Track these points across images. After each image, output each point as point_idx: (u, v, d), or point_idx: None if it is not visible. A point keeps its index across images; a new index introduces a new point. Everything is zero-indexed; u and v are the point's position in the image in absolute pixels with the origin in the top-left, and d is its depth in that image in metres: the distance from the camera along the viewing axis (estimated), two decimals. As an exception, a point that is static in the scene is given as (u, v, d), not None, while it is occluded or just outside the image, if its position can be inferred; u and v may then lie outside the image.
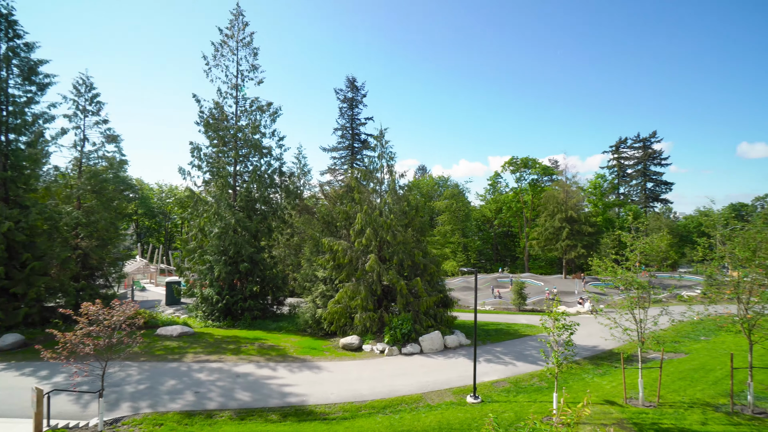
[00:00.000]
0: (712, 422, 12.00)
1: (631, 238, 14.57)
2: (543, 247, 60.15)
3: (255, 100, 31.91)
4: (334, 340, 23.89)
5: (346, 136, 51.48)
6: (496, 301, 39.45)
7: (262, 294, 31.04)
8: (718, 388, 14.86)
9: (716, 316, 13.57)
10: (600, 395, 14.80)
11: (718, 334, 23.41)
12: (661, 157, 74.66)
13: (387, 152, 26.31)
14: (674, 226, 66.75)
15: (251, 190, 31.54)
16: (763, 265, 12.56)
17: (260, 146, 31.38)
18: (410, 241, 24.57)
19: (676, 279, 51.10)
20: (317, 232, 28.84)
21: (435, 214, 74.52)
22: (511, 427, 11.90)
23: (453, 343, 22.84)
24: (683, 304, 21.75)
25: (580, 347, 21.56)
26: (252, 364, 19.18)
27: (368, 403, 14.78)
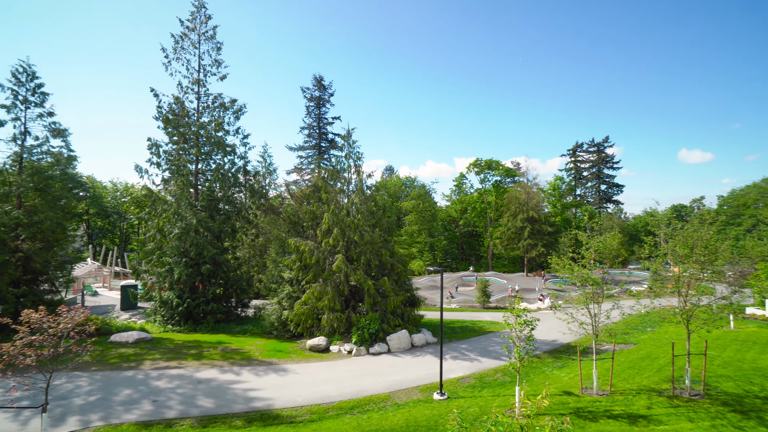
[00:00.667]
0: (656, 406, 12.95)
1: (586, 237, 15.41)
2: (506, 246, 62.25)
3: (218, 96, 30.86)
4: (300, 341, 23.56)
5: (313, 136, 50.91)
6: (462, 299, 40.39)
7: (226, 296, 30.08)
8: (661, 374, 16.03)
9: (660, 309, 14.67)
10: (559, 387, 15.54)
11: (662, 325, 25.24)
12: (613, 161, 79.44)
13: (354, 152, 26.28)
14: (625, 225, 71.26)
15: (214, 189, 30.46)
16: (699, 261, 13.69)
17: (224, 144, 30.37)
18: (378, 241, 24.67)
19: (626, 275, 54.54)
20: (283, 232, 28.30)
21: (402, 214, 75.22)
22: (476, 422, 12.25)
23: (420, 341, 23.17)
24: (632, 299, 23.26)
25: (541, 342, 22.55)
26: (215, 369, 18.54)
27: (336, 405, 14.71)
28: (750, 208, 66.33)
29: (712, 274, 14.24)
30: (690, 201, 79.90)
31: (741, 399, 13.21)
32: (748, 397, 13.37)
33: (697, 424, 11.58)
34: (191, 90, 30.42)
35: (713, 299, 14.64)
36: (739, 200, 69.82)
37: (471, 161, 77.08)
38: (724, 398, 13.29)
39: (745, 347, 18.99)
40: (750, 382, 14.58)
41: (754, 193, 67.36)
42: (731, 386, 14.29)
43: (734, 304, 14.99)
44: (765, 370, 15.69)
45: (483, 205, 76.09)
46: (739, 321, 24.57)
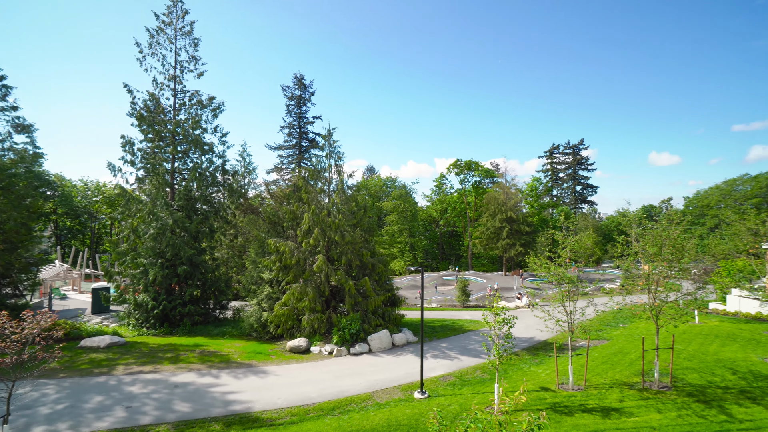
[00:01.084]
0: (627, 399, 13.47)
1: (562, 237, 15.86)
2: (485, 246, 63.28)
3: (195, 94, 30.13)
4: (281, 343, 23.29)
5: (293, 135, 50.37)
6: (442, 298, 40.81)
7: (204, 298, 29.41)
8: (632, 368, 16.67)
9: (632, 305, 15.21)
10: (536, 383, 15.93)
11: (633, 321, 26.22)
12: (588, 162, 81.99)
13: (335, 152, 26.17)
14: (598, 225, 73.63)
15: (191, 189, 29.72)
16: (667, 259, 14.32)
17: (201, 142, 29.68)
18: (358, 241, 24.65)
19: (600, 273, 56.40)
20: (263, 232, 27.89)
21: (383, 214, 75.37)
22: (456, 419, 12.43)
23: (401, 340, 23.29)
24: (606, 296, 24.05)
25: (519, 339, 23.06)
26: (192, 373, 18.11)
27: (317, 406, 14.63)
28: (713, 209, 69.69)
29: (679, 272, 14.93)
30: (659, 201, 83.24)
31: (704, 389, 13.89)
32: (711, 387, 14.07)
33: (665, 414, 12.11)
34: (167, 87, 29.61)
35: (680, 295, 15.34)
36: (703, 201, 73.24)
37: (451, 162, 78.03)
38: (689, 389, 13.94)
39: (708, 340, 19.95)
40: (712, 374, 15.34)
41: (717, 194, 70.81)
42: (696, 378, 15.00)
43: (699, 299, 15.77)
44: (725, 362, 16.53)
45: (463, 206, 77.10)
46: (703, 316, 25.78)
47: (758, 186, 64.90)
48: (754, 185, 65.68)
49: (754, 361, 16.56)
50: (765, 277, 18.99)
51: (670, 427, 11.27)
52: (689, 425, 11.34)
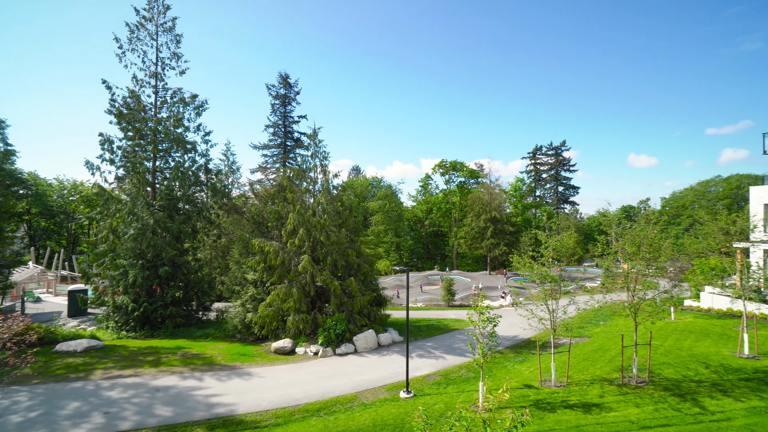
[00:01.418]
0: (607, 394, 13.83)
1: (545, 237, 16.16)
2: (470, 246, 63.93)
3: (178, 91, 29.55)
4: (265, 344, 23.04)
5: (278, 134, 49.87)
6: (427, 298, 41.06)
7: (186, 300, 28.86)
8: (612, 364, 17.11)
9: (612, 303, 15.61)
10: (520, 380, 16.19)
11: (613, 319, 26.91)
12: (570, 164, 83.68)
13: (321, 151, 26.03)
14: (580, 225, 75.27)
15: (173, 188, 29.12)
16: (645, 258, 14.75)
17: (183, 141, 29.11)
18: (344, 242, 24.58)
19: (581, 272, 57.64)
20: (247, 232, 27.52)
21: (369, 214, 75.35)
22: (441, 418, 12.53)
23: (386, 340, 23.33)
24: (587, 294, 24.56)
25: (503, 338, 23.38)
26: (174, 376, 17.74)
27: (302, 407, 14.53)
28: (688, 209, 72.08)
29: (656, 270, 15.40)
30: (637, 202, 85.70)
31: (679, 383, 14.36)
32: (685, 381, 14.56)
33: (643, 408, 12.47)
34: (148, 84, 28.94)
35: (657, 293, 15.81)
36: (679, 202, 75.67)
37: (436, 162, 78.55)
38: (666, 384, 14.40)
39: (683, 336, 20.63)
40: (687, 368, 15.88)
41: (691, 195, 73.27)
42: (672, 372, 15.49)
43: (674, 297, 16.29)
44: (699, 357, 17.13)
45: (448, 206, 77.71)
46: (679, 312, 26.64)
47: (729, 187, 67.45)
48: (725, 187, 68.25)
49: (725, 355, 17.20)
50: (735, 275, 19.76)
51: (647, 420, 11.62)
52: (665, 418, 11.71)
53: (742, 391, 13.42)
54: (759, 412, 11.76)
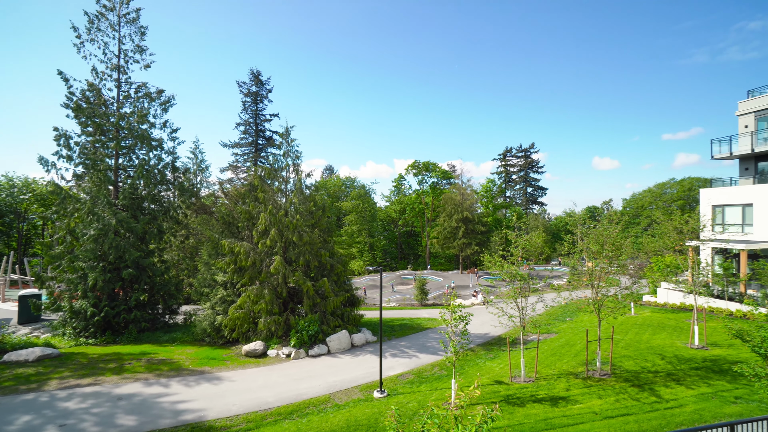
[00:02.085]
0: (573, 387, 14.41)
1: (515, 236, 16.63)
2: (442, 245, 64.81)
3: (143, 86, 28.28)
4: (236, 347, 22.48)
5: (249, 132, 48.74)
6: (401, 297, 41.32)
7: (152, 303, 27.69)
8: (578, 359, 17.84)
9: (577, 300, 16.29)
10: (491, 377, 16.59)
11: (579, 315, 28.04)
12: (538, 165, 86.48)
13: (293, 150, 25.68)
14: (548, 225, 77.91)
15: (137, 187, 27.86)
16: (608, 256, 15.48)
17: (149, 138, 27.90)
18: (317, 242, 24.35)
19: (549, 270, 59.67)
20: (216, 233, 26.73)
21: (342, 214, 74.96)
22: (414, 416, 12.65)
23: (360, 341, 23.30)
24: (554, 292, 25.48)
25: (474, 335, 23.87)
26: (139, 383, 16.98)
27: (274, 410, 14.28)
28: (646, 210, 76.12)
29: (618, 268, 16.19)
30: (601, 203, 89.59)
31: (638, 375, 15.16)
32: (644, 372, 15.39)
33: (605, 399, 13.08)
34: (109, 77, 27.56)
35: (619, 290, 16.62)
36: (638, 203, 79.78)
37: (410, 163, 79.15)
38: (626, 375, 15.16)
39: (642, 330, 21.79)
40: (645, 360, 16.78)
41: (649, 197, 77.42)
42: (631, 364, 16.33)
43: (634, 293, 17.18)
44: (656, 349, 18.15)
45: (421, 206, 78.47)
46: (638, 307, 28.09)
47: (682, 189, 71.81)
48: (679, 189, 72.61)
49: (678, 346, 18.31)
50: (687, 271, 21.08)
51: (609, 411, 12.19)
52: (625, 408, 12.33)
53: (693, 379, 14.33)
54: (707, 398, 12.60)
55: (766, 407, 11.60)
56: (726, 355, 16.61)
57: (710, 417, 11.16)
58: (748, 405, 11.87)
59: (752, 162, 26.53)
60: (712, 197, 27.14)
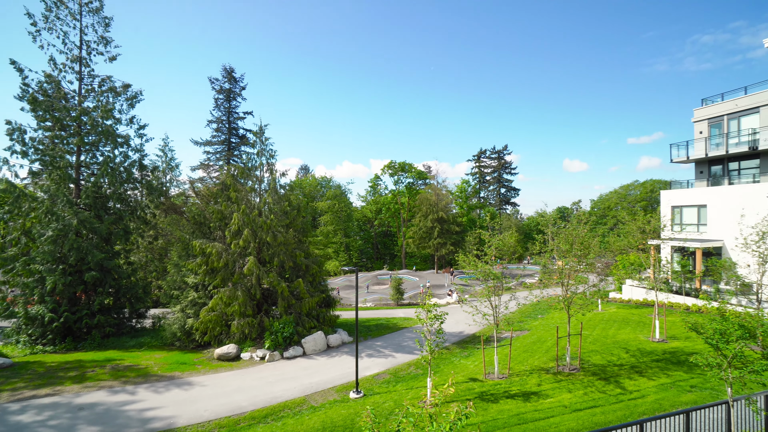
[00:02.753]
0: (544, 382, 14.85)
1: (488, 236, 16.97)
2: (418, 245, 65.33)
3: (107, 79, 27.01)
4: (208, 351, 21.84)
5: (222, 130, 47.41)
6: (377, 297, 41.35)
7: (118, 307, 26.50)
8: (549, 354, 18.40)
9: (548, 298, 16.79)
10: (465, 374, 16.85)
11: (550, 312, 28.92)
12: (512, 167, 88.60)
13: (267, 149, 25.21)
14: (520, 225, 79.99)
15: (101, 185, 26.59)
16: (577, 255, 16.05)
17: (114, 134, 26.66)
18: (292, 242, 24.00)
19: (522, 269, 61.21)
20: (187, 233, 25.86)
21: (317, 214, 74.24)
22: (390, 416, 12.68)
23: (336, 341, 23.14)
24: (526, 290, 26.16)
25: (450, 334, 24.19)
26: (103, 392, 16.20)
27: (248, 415, 13.96)
28: (612, 210, 79.45)
29: (586, 266, 16.81)
30: (571, 203, 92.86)
31: (605, 368, 15.80)
32: (610, 366, 16.05)
33: (574, 393, 13.56)
34: (70, 69, 26.16)
35: (587, 287, 17.26)
36: (605, 203, 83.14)
37: (386, 163, 79.27)
38: (594, 369, 15.76)
39: (608, 325, 22.72)
40: (611, 354, 17.51)
41: (615, 198, 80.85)
42: (599, 359, 16.99)
43: (601, 290, 17.94)
44: (621, 343, 18.97)
45: (396, 206, 78.77)
46: (605, 304, 29.27)
47: (645, 191, 75.42)
48: (642, 190, 76.23)
49: (641, 340, 19.21)
50: (649, 269, 22.17)
51: (578, 404, 12.64)
52: (593, 400, 12.82)
53: (654, 371, 15.07)
54: (666, 388, 13.29)
55: (717, 394, 12.35)
56: (683, 347, 17.56)
57: (669, 406, 11.77)
58: (701, 393, 12.61)
59: (706, 166, 28.19)
60: (672, 198, 28.63)
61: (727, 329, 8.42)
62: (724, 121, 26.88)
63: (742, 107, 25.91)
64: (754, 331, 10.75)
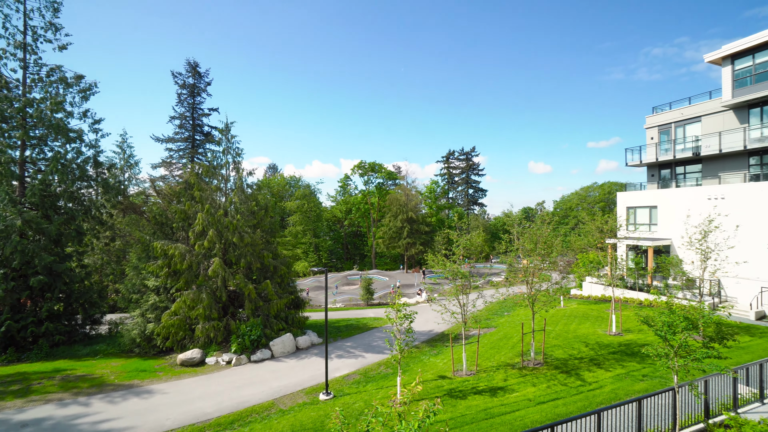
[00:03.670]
0: (510, 377, 15.32)
1: (456, 236, 17.30)
2: (388, 245, 65.63)
3: (56, 69, 25.26)
4: (170, 357, 20.93)
5: (185, 127, 45.58)
6: (347, 298, 41.15)
7: (69, 313, 24.86)
8: (514, 350, 19.00)
9: (514, 295, 17.32)
10: (435, 372, 17.09)
11: (515, 309, 29.88)
12: (479, 168, 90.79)
13: (234, 147, 24.50)
14: (487, 225, 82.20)
15: (50, 183, 24.84)
16: (541, 253, 16.68)
17: (65, 128, 24.98)
18: (259, 243, 23.45)
19: (489, 268, 62.82)
20: (147, 234, 24.65)
21: (286, 214, 72.92)
22: (360, 416, 12.65)
23: (305, 343, 22.83)
24: (493, 288, 26.83)
25: (419, 333, 24.45)
26: (51, 405, 15.12)
27: (213, 422, 13.50)
28: (573, 211, 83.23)
29: (550, 264, 17.50)
30: (535, 204, 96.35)
31: (566, 362, 16.51)
32: (571, 359, 16.79)
33: (538, 387, 14.08)
34: (12, 56, 24.25)
35: (550, 284, 17.96)
36: (567, 204, 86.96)
37: (356, 163, 79.07)
38: (556, 363, 16.43)
39: (570, 321, 23.76)
40: (572, 348, 18.33)
41: (576, 199, 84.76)
42: (561, 353, 17.74)
43: (563, 287, 18.72)
44: (581, 337, 19.90)
45: (366, 206, 78.74)
46: (567, 300, 30.57)
47: (603, 193, 79.58)
48: (600, 192, 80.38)
49: (599, 334, 20.23)
50: (607, 266, 23.40)
51: (542, 397, 13.14)
52: (555, 393, 13.37)
53: (611, 362, 15.92)
54: (621, 378, 14.07)
55: (666, 382, 13.22)
56: (637, 339, 18.66)
57: (623, 394, 12.47)
58: (652, 381, 13.45)
59: (657, 169, 30.12)
60: (626, 200, 30.36)
61: (673, 321, 9.03)
62: (672, 128, 28.82)
63: (687, 116, 27.89)
64: (697, 322, 11.60)
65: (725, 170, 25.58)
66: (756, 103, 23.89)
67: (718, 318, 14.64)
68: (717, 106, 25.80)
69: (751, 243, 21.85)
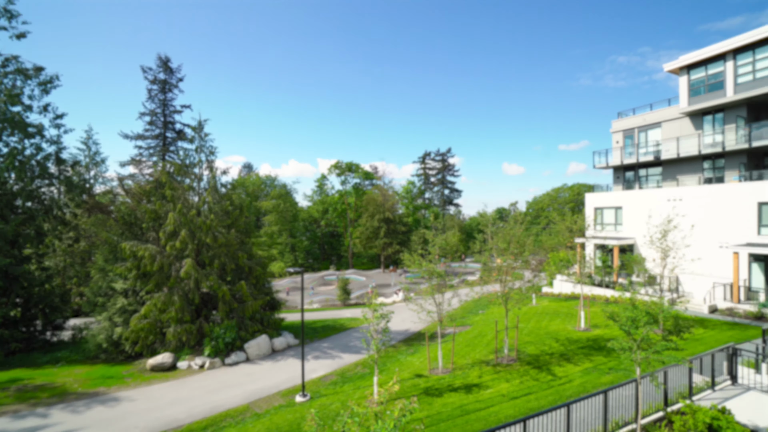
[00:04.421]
0: (485, 374, 15.71)
1: (432, 236, 17.56)
2: (365, 245, 65.68)
3: (13, 59, 23.89)
4: (139, 362, 20.21)
5: (156, 123, 43.96)
6: (324, 298, 40.89)
7: (27, 318, 23.58)
8: (489, 348, 19.47)
9: (488, 294, 17.73)
10: (411, 371, 17.28)
11: (490, 307, 30.58)
12: (455, 169, 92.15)
13: (207, 146, 23.92)
14: (462, 225, 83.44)
15: (5, 181, 23.45)
16: (514, 252, 17.17)
17: (23, 123, 23.67)
18: (234, 243, 22.98)
19: (463, 267, 63.92)
20: (115, 235, 23.67)
21: (262, 214, 71.68)
22: (337, 417, 12.65)
23: (281, 345, 22.56)
24: (468, 287, 27.31)
25: (396, 332, 24.63)
26: (5, 418, 14.29)
27: (185, 428, 13.16)
28: (545, 211, 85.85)
29: (522, 263, 18.04)
30: (509, 204, 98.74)
31: (538, 358, 17.08)
32: (543, 355, 17.38)
33: (512, 382, 14.51)
34: (-33, 47, 22.74)
35: (523, 283, 18.52)
36: (539, 205, 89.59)
37: (333, 163, 78.62)
38: (529, 359, 16.97)
39: (541, 318, 24.56)
40: (543, 344, 18.97)
41: (547, 200, 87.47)
42: (533, 349, 18.32)
43: (535, 285, 19.34)
44: (552, 333, 20.62)
45: (343, 206, 78.44)
46: (539, 298, 31.54)
47: (573, 194, 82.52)
48: (570, 193, 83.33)
49: (569, 330, 21.03)
50: (576, 264, 24.33)
51: (515, 392, 13.55)
52: (528, 388, 13.82)
53: (579, 357, 16.59)
54: (589, 372, 14.71)
55: (630, 374, 13.92)
56: (603, 334, 19.52)
57: (591, 387, 13.04)
58: (617, 374, 14.12)
59: (622, 172, 31.56)
60: (594, 201, 31.65)
61: (636, 316, 9.53)
62: (635, 133, 30.28)
63: (648, 122, 29.38)
64: (657, 316, 12.28)
65: (683, 173, 27.12)
66: (708, 111, 25.47)
67: (676, 312, 15.52)
68: (675, 113, 27.32)
69: (704, 241, 23.30)
